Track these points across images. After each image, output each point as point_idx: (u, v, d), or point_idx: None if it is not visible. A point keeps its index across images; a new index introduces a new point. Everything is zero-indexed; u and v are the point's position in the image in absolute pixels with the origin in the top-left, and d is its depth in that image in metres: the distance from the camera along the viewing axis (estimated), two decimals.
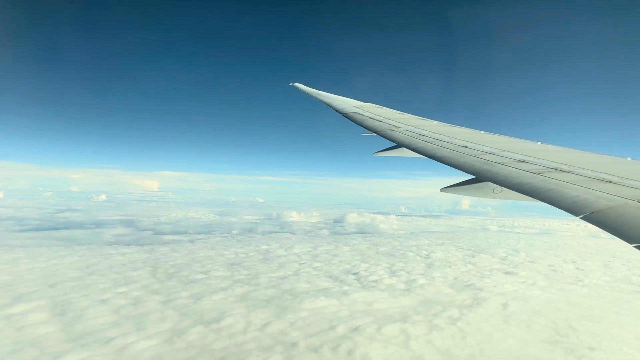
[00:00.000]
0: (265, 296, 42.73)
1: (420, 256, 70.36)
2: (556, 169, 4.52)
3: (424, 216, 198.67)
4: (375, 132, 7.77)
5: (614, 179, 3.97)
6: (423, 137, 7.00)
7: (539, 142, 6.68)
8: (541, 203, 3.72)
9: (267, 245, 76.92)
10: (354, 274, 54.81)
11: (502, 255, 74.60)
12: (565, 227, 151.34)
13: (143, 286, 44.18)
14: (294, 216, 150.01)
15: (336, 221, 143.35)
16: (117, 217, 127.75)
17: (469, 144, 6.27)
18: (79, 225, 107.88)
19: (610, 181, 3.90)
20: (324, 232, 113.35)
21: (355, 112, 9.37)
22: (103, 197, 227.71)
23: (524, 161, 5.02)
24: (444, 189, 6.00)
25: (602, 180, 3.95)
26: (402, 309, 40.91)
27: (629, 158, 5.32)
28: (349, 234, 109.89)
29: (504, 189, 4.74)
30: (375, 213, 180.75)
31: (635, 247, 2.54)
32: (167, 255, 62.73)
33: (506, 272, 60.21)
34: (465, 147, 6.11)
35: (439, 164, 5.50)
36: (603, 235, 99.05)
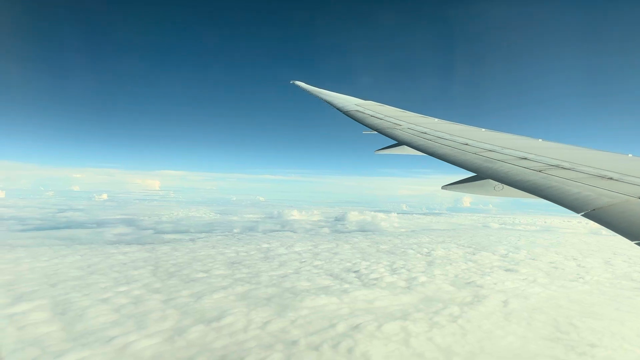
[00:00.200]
0: (266, 294, 42.79)
1: (421, 254, 70.36)
2: (557, 166, 4.51)
3: (425, 214, 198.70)
4: (376, 130, 7.76)
5: (615, 175, 3.95)
6: (424, 135, 7.00)
7: (540, 139, 6.68)
8: (542, 200, 3.71)
9: (268, 243, 77.01)
10: (354, 272, 54.85)
11: (503, 253, 74.56)
12: (567, 224, 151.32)
13: (144, 285, 44.28)
14: (295, 214, 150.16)
15: (337, 219, 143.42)
16: (118, 217, 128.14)
17: (470, 142, 6.28)
18: (81, 225, 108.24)
19: (611, 178, 3.88)
20: (325, 230, 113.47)
21: (356, 110, 9.35)
22: (104, 196, 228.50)
23: (525, 158, 5.02)
24: (445, 187, 6.04)
25: (603, 177, 3.94)
26: (402, 306, 40.94)
27: (630, 155, 5.31)
28: (350, 232, 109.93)
29: (505, 186, 4.74)
30: (376, 211, 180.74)
31: (637, 244, 2.52)
32: (168, 254, 62.87)
33: (507, 270, 60.17)
34: (466, 144, 6.11)
35: (440, 161, 5.50)
36: (604, 232, 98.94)
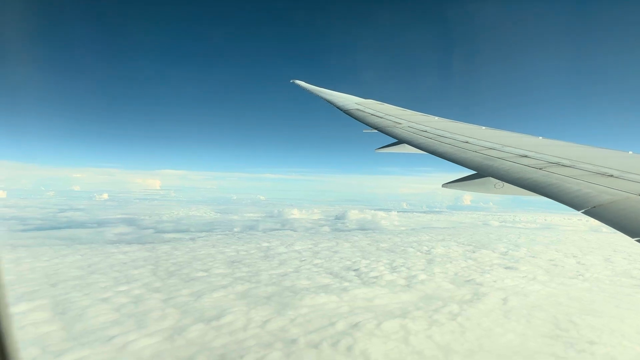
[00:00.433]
0: (265, 293, 42.89)
1: (421, 252, 70.40)
2: (557, 164, 4.53)
3: (425, 212, 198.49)
4: (376, 129, 7.79)
5: (615, 173, 3.98)
6: (424, 133, 7.03)
7: (540, 137, 6.70)
8: (543, 198, 3.74)
9: (268, 242, 77.10)
10: (354, 270, 54.92)
11: (503, 251, 74.55)
12: (567, 221, 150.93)
13: (144, 284, 44.40)
14: (295, 213, 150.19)
15: (337, 218, 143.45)
16: (119, 216, 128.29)
17: (470, 140, 6.30)
18: (81, 225, 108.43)
19: (611, 175, 3.91)
20: (325, 229, 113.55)
21: (357, 109, 9.39)
22: (105, 196, 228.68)
23: (526, 156, 5.04)
24: (445, 185, 6.06)
25: (603, 174, 3.97)
26: (402, 304, 41.00)
27: (630, 152, 5.32)
28: (350, 230, 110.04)
29: (505, 184, 4.75)
30: (376, 209, 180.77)
31: (637, 241, 2.54)
32: (168, 253, 63.00)
33: (507, 267, 60.20)
34: (467, 142, 6.14)
35: (440, 159, 5.53)
36: (604, 230, 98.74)
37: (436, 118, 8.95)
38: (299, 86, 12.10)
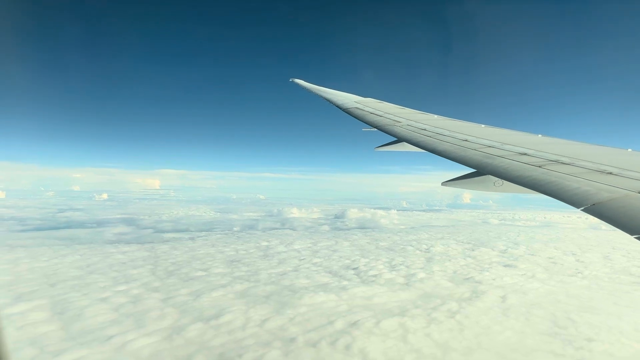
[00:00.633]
0: (264, 292, 42.89)
1: (420, 250, 70.44)
2: (557, 162, 4.53)
3: (424, 211, 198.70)
4: (375, 127, 7.79)
5: (614, 170, 3.98)
6: (424, 132, 7.03)
7: (539, 135, 6.69)
8: (542, 195, 3.74)
9: (268, 241, 77.09)
10: (353, 269, 54.94)
11: (502, 249, 74.58)
12: (566, 219, 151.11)
13: (143, 284, 44.39)
14: (294, 212, 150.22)
15: (337, 217, 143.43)
16: (118, 216, 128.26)
17: (469, 138, 6.30)
18: (80, 225, 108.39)
19: (611, 173, 3.91)
20: (325, 227, 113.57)
21: (356, 107, 9.39)
22: (104, 196, 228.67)
23: (525, 154, 5.05)
24: (445, 183, 6.03)
25: (602, 172, 3.97)
26: (401, 303, 41.01)
27: (629, 149, 5.32)
28: (350, 229, 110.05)
29: (505, 182, 4.75)
30: (376, 208, 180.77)
31: (637, 238, 2.54)
32: (168, 253, 62.99)
33: (506, 265, 60.24)
34: (466, 140, 6.14)
35: (440, 158, 5.54)
36: (604, 227, 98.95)
37: (435, 116, 8.96)
38: (298, 85, 12.08)
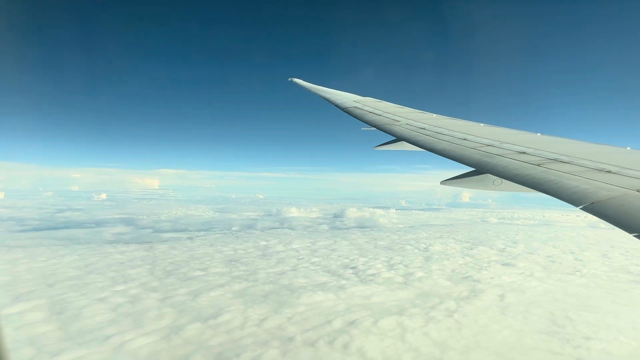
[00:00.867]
0: (263, 292, 42.89)
1: (419, 249, 70.48)
2: (556, 160, 4.53)
3: (423, 210, 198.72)
4: (374, 126, 7.79)
5: (613, 169, 3.98)
6: (422, 131, 7.03)
7: (538, 134, 6.69)
8: (541, 194, 3.74)
9: (266, 241, 77.05)
10: (352, 268, 54.96)
11: (501, 247, 74.69)
12: (565, 218, 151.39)
13: (141, 284, 44.35)
14: (293, 212, 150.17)
15: (336, 216, 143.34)
16: (117, 216, 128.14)
17: (468, 137, 6.31)
18: (79, 225, 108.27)
19: (610, 171, 3.91)
20: (324, 227, 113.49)
21: (355, 107, 9.39)
22: (103, 196, 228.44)
23: (524, 152, 5.04)
24: (444, 182, 6.02)
25: (601, 170, 3.96)
26: (399, 302, 41.04)
27: (628, 148, 5.32)
28: (348, 228, 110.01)
29: (504, 180, 4.76)
30: (375, 207, 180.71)
31: (635, 236, 2.54)
32: (166, 252, 62.92)
33: (504, 264, 60.32)
34: (465, 139, 6.14)
35: (439, 157, 5.53)
36: (603, 226, 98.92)
37: (434, 115, 8.95)
38: (297, 84, 12.10)
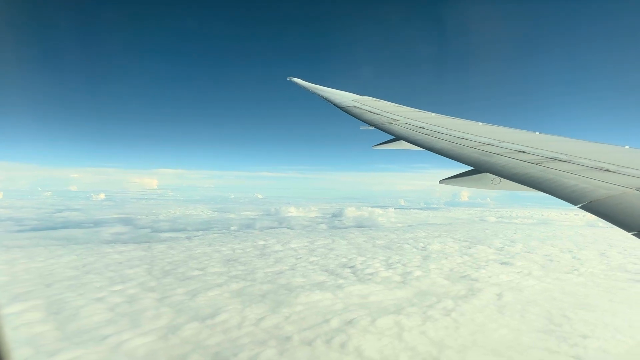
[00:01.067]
0: (260, 291, 42.92)
1: (417, 248, 70.55)
2: (554, 159, 4.55)
3: (422, 209, 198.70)
4: (373, 126, 7.80)
5: (612, 167, 3.99)
6: (421, 130, 7.03)
7: (537, 133, 6.69)
8: (540, 193, 3.75)
9: (265, 240, 77.02)
10: (350, 267, 55.01)
11: (499, 246, 74.78)
12: (564, 216, 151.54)
13: (139, 284, 44.35)
14: (292, 211, 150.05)
15: (334, 215, 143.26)
16: (115, 216, 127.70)
17: (467, 136, 6.31)
18: (77, 225, 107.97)
19: (608, 170, 3.92)
20: (322, 226, 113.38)
21: (353, 106, 9.39)
22: (102, 195, 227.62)
23: (522, 151, 5.06)
24: (442, 181, 6.03)
25: (600, 169, 3.98)
26: (396, 301, 41.10)
27: (627, 147, 5.33)
28: (347, 227, 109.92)
29: (502, 179, 4.76)
30: (373, 206, 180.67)
31: (634, 235, 2.55)
32: (164, 252, 62.89)
33: (502, 263, 60.42)
34: (464, 138, 6.14)
35: (437, 156, 5.54)
36: (601, 224, 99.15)
37: (433, 114, 8.96)
38: (295, 84, 12.11)
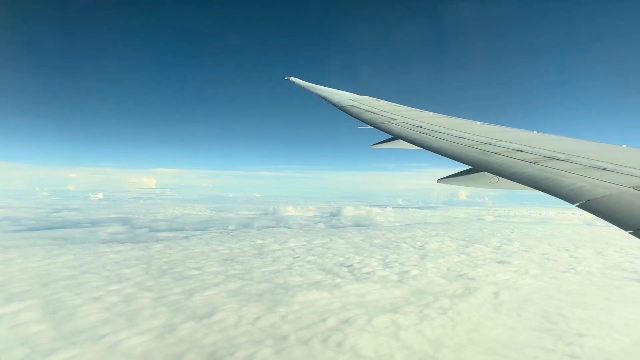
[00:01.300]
0: (257, 290, 42.91)
1: (414, 247, 70.62)
2: (552, 158, 4.55)
3: (420, 208, 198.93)
4: (371, 125, 7.79)
5: (609, 166, 4.00)
6: (419, 129, 7.02)
7: (535, 132, 6.69)
8: (538, 192, 3.75)
9: (262, 240, 77.00)
10: (347, 266, 55.03)
11: (496, 245, 74.89)
12: (561, 215, 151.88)
13: (136, 283, 44.28)
14: (290, 210, 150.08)
15: (332, 215, 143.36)
16: (113, 215, 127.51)
17: (465, 135, 6.30)
18: (75, 224, 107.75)
19: (605, 169, 3.92)
20: (320, 225, 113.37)
21: (352, 105, 9.38)
22: (100, 195, 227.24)
23: (520, 150, 5.06)
24: (441, 180, 6.04)
25: (597, 168, 3.98)
26: (393, 300, 41.14)
27: (624, 145, 5.34)
28: (345, 227, 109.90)
29: (500, 178, 4.76)
30: (372, 206, 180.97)
31: (631, 233, 2.55)
32: (161, 252, 62.80)
33: (499, 262, 60.50)
34: (462, 137, 6.13)
35: (435, 155, 5.53)
36: (598, 223, 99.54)
37: (431, 114, 8.95)
38: (294, 83, 12.09)
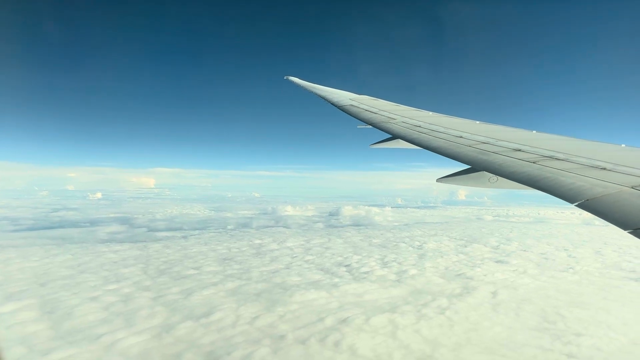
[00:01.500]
0: (255, 290, 42.90)
1: (413, 247, 70.62)
2: (551, 157, 4.55)
3: (419, 207, 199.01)
4: (370, 124, 7.81)
5: (608, 166, 4.00)
6: (418, 128, 7.04)
7: (534, 131, 6.71)
8: (537, 191, 3.76)
9: (261, 239, 76.93)
10: (345, 266, 55.02)
11: (495, 245, 74.92)
12: (560, 215, 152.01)
13: (134, 283, 44.23)
14: (289, 210, 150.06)
15: (331, 214, 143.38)
16: (112, 215, 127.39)
17: (464, 134, 6.32)
18: (74, 224, 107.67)
19: (604, 168, 3.94)
20: (319, 225, 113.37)
21: (351, 105, 9.41)
22: (99, 195, 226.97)
23: (519, 150, 5.07)
24: (439, 180, 6.04)
25: (596, 167, 4.00)
26: (391, 299, 41.15)
27: (623, 145, 5.35)
28: (343, 226, 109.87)
29: (499, 178, 4.77)
30: (370, 205, 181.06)
31: (630, 233, 2.56)
32: (160, 251, 62.73)
33: (497, 261, 60.54)
34: (461, 137, 6.14)
35: (435, 154, 5.54)
36: (597, 222, 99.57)
37: (430, 113, 8.97)
38: (293, 83, 12.10)
